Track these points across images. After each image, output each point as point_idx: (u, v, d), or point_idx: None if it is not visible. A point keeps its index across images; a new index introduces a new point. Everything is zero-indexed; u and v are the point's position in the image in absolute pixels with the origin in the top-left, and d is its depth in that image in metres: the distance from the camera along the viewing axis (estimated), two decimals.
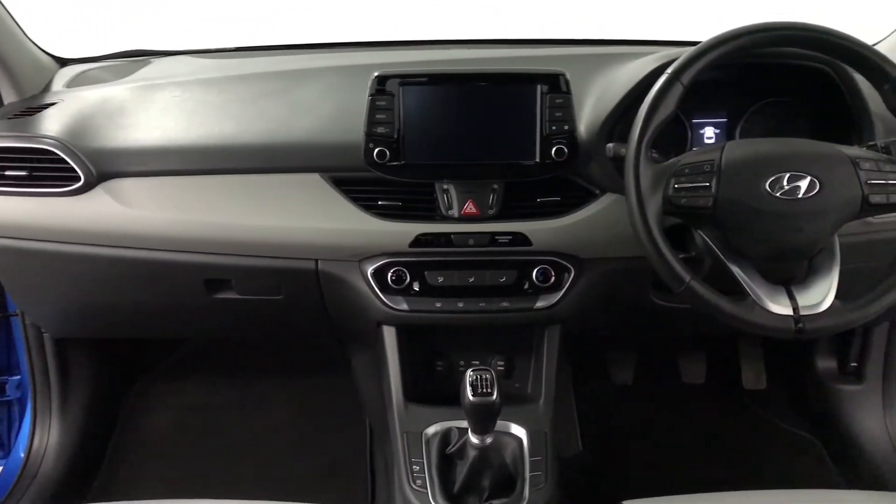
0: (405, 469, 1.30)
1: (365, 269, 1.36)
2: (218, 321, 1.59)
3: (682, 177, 1.11)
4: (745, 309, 1.10)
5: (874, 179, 1.08)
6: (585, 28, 2.62)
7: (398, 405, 1.40)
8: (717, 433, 1.98)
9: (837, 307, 1.09)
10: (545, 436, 1.35)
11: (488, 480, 1.28)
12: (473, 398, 1.15)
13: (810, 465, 1.87)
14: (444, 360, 1.53)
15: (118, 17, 2.61)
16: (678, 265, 1.09)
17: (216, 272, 1.42)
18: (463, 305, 1.38)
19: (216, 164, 1.37)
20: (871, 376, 1.79)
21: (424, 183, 1.34)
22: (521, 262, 1.36)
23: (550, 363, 1.45)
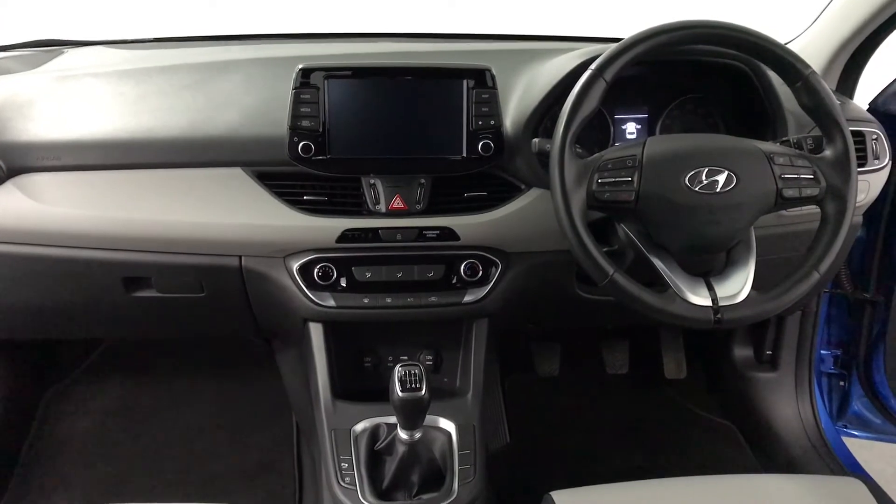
0: (333, 467, 1.29)
1: (290, 265, 1.34)
2: (138, 320, 1.54)
3: (605, 172, 1.13)
4: (666, 301, 1.12)
5: (787, 174, 1.12)
6: (511, 23, 2.64)
7: (325, 402, 1.39)
8: (640, 422, 2.03)
9: (754, 298, 1.13)
10: (473, 429, 1.36)
11: (417, 475, 1.28)
12: (402, 394, 1.15)
13: (728, 450, 1.94)
14: (372, 356, 1.53)
15: (28, 5, 2.51)
16: (602, 258, 1.11)
17: (134, 270, 1.38)
18: (391, 301, 1.37)
19: (134, 159, 1.32)
20: (785, 364, 1.86)
21: (351, 177, 1.32)
22: (448, 256, 1.36)
23: (478, 357, 1.46)
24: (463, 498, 1.25)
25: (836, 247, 1.13)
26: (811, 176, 1.13)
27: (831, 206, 1.14)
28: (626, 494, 1.15)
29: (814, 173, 1.13)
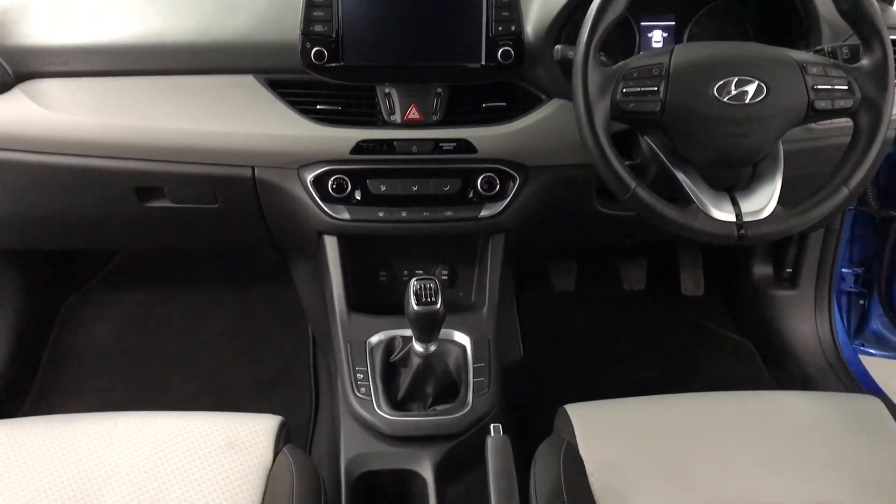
0: (349, 378, 1.30)
1: (304, 176, 1.32)
2: (151, 231, 1.54)
3: (630, 81, 1.08)
4: (688, 216, 1.10)
5: (821, 85, 1.07)
6: None
7: (340, 315, 1.39)
8: (655, 338, 2.03)
9: (779, 213, 1.10)
10: (488, 343, 1.36)
11: (432, 387, 1.29)
12: (417, 307, 1.14)
13: (744, 367, 1.94)
14: (387, 270, 1.52)
15: None
16: (624, 172, 1.08)
17: (147, 179, 1.36)
18: (406, 215, 1.35)
19: (143, 65, 1.28)
20: (805, 282, 1.84)
21: (365, 86, 1.28)
22: (465, 170, 1.33)
23: (494, 272, 1.44)
24: (477, 409, 1.26)
25: (868, 162, 1.09)
26: (845, 87, 1.08)
27: (865, 119, 1.09)
28: (640, 408, 1.15)
29: (848, 84, 1.08)
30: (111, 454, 1.03)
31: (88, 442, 1.05)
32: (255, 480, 1.02)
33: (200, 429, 1.07)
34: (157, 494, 0.99)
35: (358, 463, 1.24)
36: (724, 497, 1.01)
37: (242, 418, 1.10)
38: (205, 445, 1.05)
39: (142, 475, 1.01)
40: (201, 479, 1.01)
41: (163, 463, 1.02)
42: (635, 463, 1.05)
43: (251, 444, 1.06)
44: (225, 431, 1.07)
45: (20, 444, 1.04)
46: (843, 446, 1.07)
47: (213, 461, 1.03)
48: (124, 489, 0.99)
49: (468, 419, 1.25)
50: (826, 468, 1.04)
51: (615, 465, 1.04)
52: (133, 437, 1.06)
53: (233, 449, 1.05)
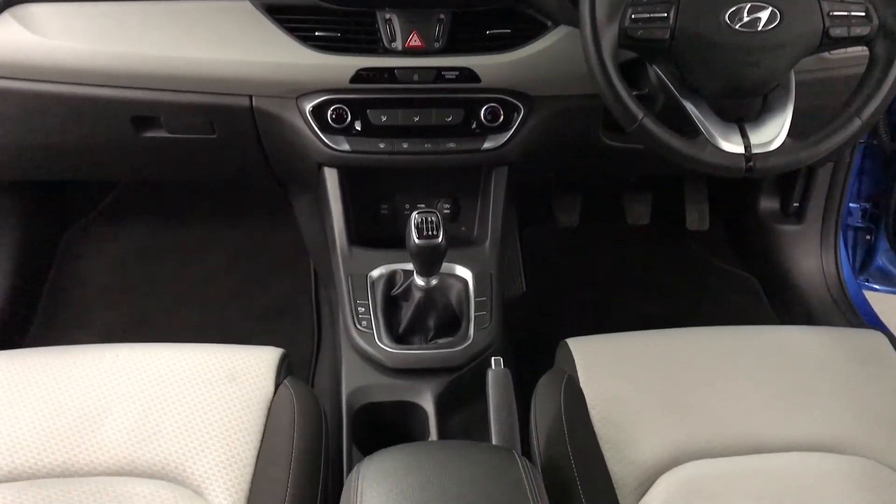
0: (350, 311, 1.30)
1: (303, 106, 1.29)
2: (148, 162, 1.51)
3: (639, 6, 1.04)
4: (696, 147, 1.07)
5: (836, 11, 1.04)
6: None
7: (341, 248, 1.38)
8: (658, 273, 2.02)
9: (789, 145, 1.08)
10: (490, 277, 1.35)
11: (433, 321, 1.29)
12: (419, 241, 1.13)
13: (747, 302, 1.94)
14: (388, 204, 1.50)
15: None
16: (631, 102, 1.05)
17: (143, 108, 1.33)
18: (408, 146, 1.33)
19: None
20: (812, 217, 1.82)
21: (365, 12, 1.24)
22: (468, 100, 1.30)
23: (497, 206, 1.43)
24: (478, 343, 1.26)
25: (883, 92, 1.06)
26: (862, 13, 1.04)
27: (882, 47, 1.05)
28: (641, 342, 1.15)
29: (866, 10, 1.04)
30: (113, 384, 1.04)
31: (90, 372, 1.05)
32: (256, 411, 1.02)
33: (201, 360, 1.07)
34: (158, 424, 0.99)
35: (359, 395, 1.25)
36: (725, 430, 1.01)
37: (243, 350, 1.10)
38: (206, 377, 1.05)
39: (143, 405, 1.01)
40: (203, 410, 1.01)
41: (164, 393, 1.03)
42: (636, 396, 1.05)
43: (252, 375, 1.06)
44: (226, 363, 1.07)
45: (22, 375, 1.04)
46: (847, 380, 1.07)
47: (214, 392, 1.03)
48: (126, 419, 0.99)
49: (469, 352, 1.25)
50: (829, 402, 1.04)
51: (616, 398, 1.04)
52: (135, 368, 1.06)
53: (234, 380, 1.05)
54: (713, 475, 0.96)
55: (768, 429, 1.01)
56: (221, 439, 0.98)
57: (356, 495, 0.74)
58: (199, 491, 0.94)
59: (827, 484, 0.94)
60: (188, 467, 0.96)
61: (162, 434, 0.98)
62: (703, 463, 0.98)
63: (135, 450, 0.97)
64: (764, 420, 1.02)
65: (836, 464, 0.97)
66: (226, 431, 0.99)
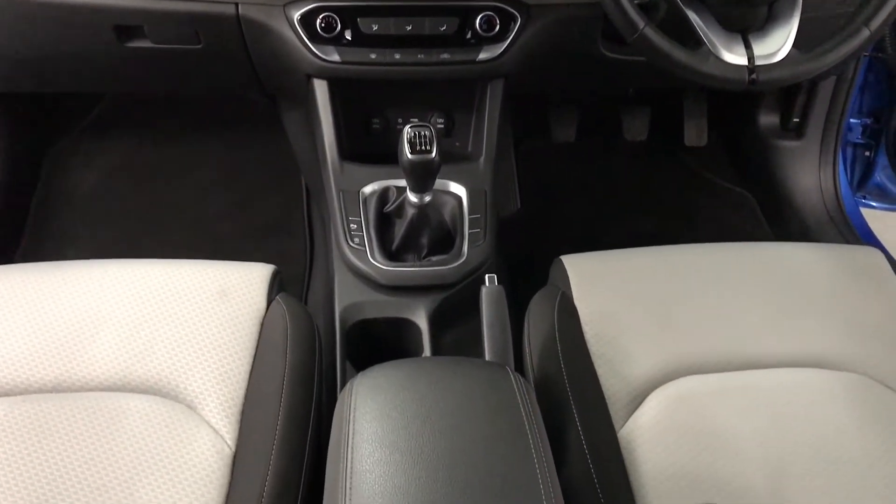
0: (342, 227, 1.28)
1: (291, 14, 1.24)
2: (134, 73, 1.47)
3: None
4: (698, 59, 1.04)
5: None
6: None
7: (333, 164, 1.35)
8: (655, 189, 2.00)
9: (794, 56, 1.04)
10: (485, 194, 1.33)
11: (427, 238, 1.28)
12: (412, 156, 1.10)
13: (743, 219, 1.93)
14: (380, 118, 1.47)
15: None
16: (632, 10, 1.01)
17: (126, 17, 1.28)
18: (400, 57, 1.28)
19: None
20: (812, 132, 1.79)
21: None
22: (463, 8, 1.25)
23: (492, 120, 1.39)
24: (472, 260, 1.25)
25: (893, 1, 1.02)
26: None
27: None
28: (636, 259, 1.14)
29: None
30: (103, 300, 1.03)
31: (80, 288, 1.04)
32: (249, 327, 1.02)
33: (192, 276, 1.06)
34: (150, 339, 0.99)
35: (353, 311, 1.25)
36: (718, 345, 1.01)
37: (234, 266, 1.09)
38: (197, 293, 1.04)
39: (135, 321, 1.00)
40: (195, 326, 1.00)
41: (156, 309, 1.02)
42: (629, 311, 1.05)
43: (244, 291, 1.05)
44: (217, 279, 1.06)
45: (12, 291, 1.03)
46: (841, 296, 1.07)
47: (206, 308, 1.02)
48: (118, 334, 0.99)
49: (463, 270, 1.24)
50: (823, 318, 1.04)
51: (609, 314, 1.04)
52: (125, 284, 1.05)
53: (225, 296, 1.04)
54: (705, 390, 0.97)
55: (761, 345, 1.01)
56: (214, 355, 0.98)
57: (349, 410, 0.74)
58: (193, 406, 0.94)
59: (819, 399, 0.95)
60: (181, 383, 0.96)
61: (154, 350, 0.98)
62: (695, 378, 0.98)
63: (127, 365, 0.97)
64: (757, 336, 1.02)
65: (829, 379, 0.97)
66: (218, 347, 0.99)
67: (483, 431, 0.71)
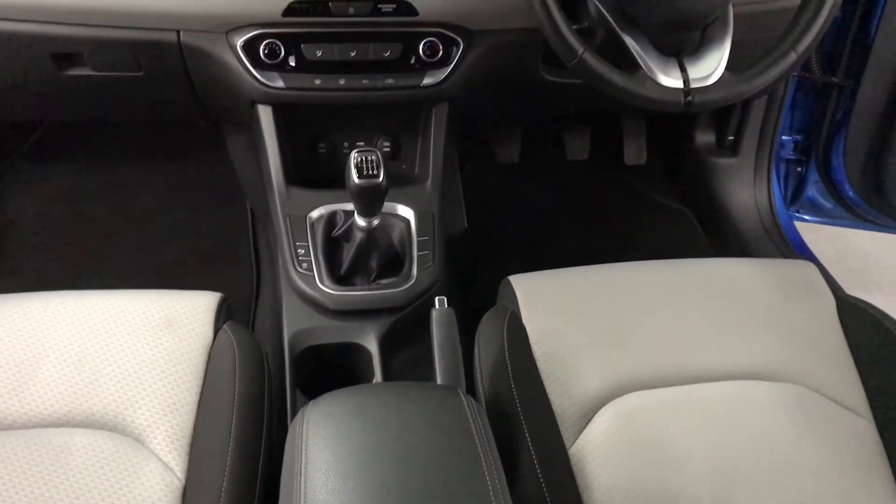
0: (290, 253, 1.28)
1: (234, 41, 1.23)
2: (73, 101, 1.44)
3: None
4: (636, 82, 1.07)
5: None
6: None
7: (279, 189, 1.34)
8: (597, 207, 2.04)
9: (726, 79, 1.08)
10: (433, 216, 1.34)
11: (376, 261, 1.28)
12: (359, 180, 1.11)
13: (684, 235, 1.97)
14: (326, 142, 1.47)
15: None
16: (571, 37, 1.04)
17: (64, 45, 1.26)
18: (345, 82, 1.29)
19: None
20: (746, 149, 1.85)
21: None
22: (406, 34, 1.27)
23: (438, 143, 1.41)
24: (422, 282, 1.26)
25: (818, 25, 1.07)
26: None
27: None
28: (581, 277, 1.16)
29: None
30: (45, 334, 1.00)
31: (21, 322, 1.01)
32: (196, 357, 1.01)
33: (137, 307, 1.04)
34: (95, 373, 0.97)
35: (301, 337, 1.24)
36: (663, 360, 1.03)
37: (180, 296, 1.07)
38: (143, 324, 1.02)
39: (79, 354, 0.98)
40: (141, 357, 0.99)
41: (100, 342, 1.00)
42: (576, 329, 1.06)
43: (190, 321, 1.04)
44: (163, 309, 1.04)
45: None
46: (778, 309, 1.10)
47: (151, 339, 1.01)
48: (61, 368, 0.97)
49: (413, 292, 1.25)
50: (761, 331, 1.07)
51: (557, 332, 1.06)
52: (67, 317, 1.02)
53: (171, 327, 1.03)
54: (652, 405, 0.99)
55: (705, 359, 1.04)
56: (161, 387, 0.97)
57: (301, 440, 0.73)
58: (140, 439, 0.92)
59: (761, 410, 0.98)
60: (128, 416, 0.94)
61: (99, 383, 0.96)
62: (643, 394, 1.00)
63: (71, 400, 0.94)
64: (701, 350, 1.05)
65: (769, 390, 1.00)
66: (165, 379, 0.97)
67: (436, 456, 0.71)
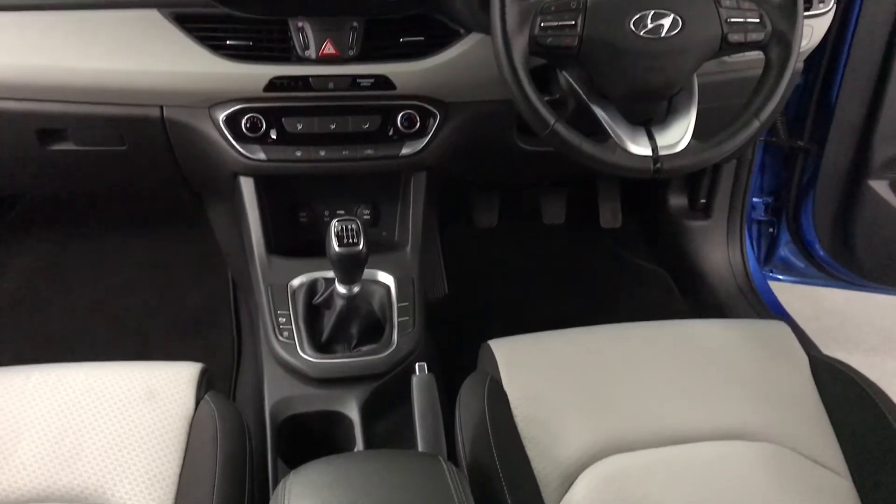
0: (270, 322, 1.29)
1: (216, 115, 1.27)
2: (56, 175, 1.46)
3: (548, 14, 1.06)
4: (606, 151, 1.10)
5: (734, 17, 1.08)
6: None
7: (260, 258, 1.36)
8: (576, 270, 2.07)
9: (693, 147, 1.12)
10: (412, 281, 1.36)
11: (356, 328, 1.29)
12: (339, 249, 1.13)
13: (661, 296, 2.00)
14: (307, 211, 1.49)
15: None
16: (543, 108, 1.07)
17: (48, 121, 1.28)
18: (325, 154, 1.32)
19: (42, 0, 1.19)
20: (718, 212, 1.90)
21: (277, 20, 1.23)
22: (385, 106, 1.31)
23: (417, 210, 1.44)
24: (402, 349, 1.27)
25: (778, 94, 1.11)
26: (757, 20, 1.09)
27: (776, 52, 1.11)
28: (560, 341, 1.17)
29: (760, 17, 1.09)
30: (25, 409, 1.00)
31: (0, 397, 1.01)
32: (177, 429, 1.00)
33: (118, 379, 1.04)
34: (75, 447, 0.96)
35: (283, 407, 1.24)
36: (643, 423, 1.04)
37: (161, 367, 1.08)
38: (124, 396, 1.02)
39: (59, 429, 0.98)
40: (122, 431, 0.98)
41: (80, 416, 1.00)
42: (556, 393, 1.07)
43: (171, 392, 1.04)
44: (144, 381, 1.05)
45: None
46: (754, 369, 1.12)
47: (133, 412, 1.01)
48: (41, 443, 0.96)
49: (393, 359, 1.26)
50: (738, 391, 1.09)
51: (537, 397, 1.07)
52: (48, 391, 1.02)
53: (153, 398, 1.03)
54: (633, 468, 0.99)
55: (684, 420, 1.05)
56: (142, 459, 0.96)
57: None
58: None
59: (740, 470, 0.99)
60: (108, 489, 0.93)
61: (80, 457, 0.95)
62: (623, 457, 1.01)
63: (52, 475, 0.94)
64: (679, 412, 1.06)
65: (747, 450, 1.01)
66: (147, 451, 0.97)
67: None
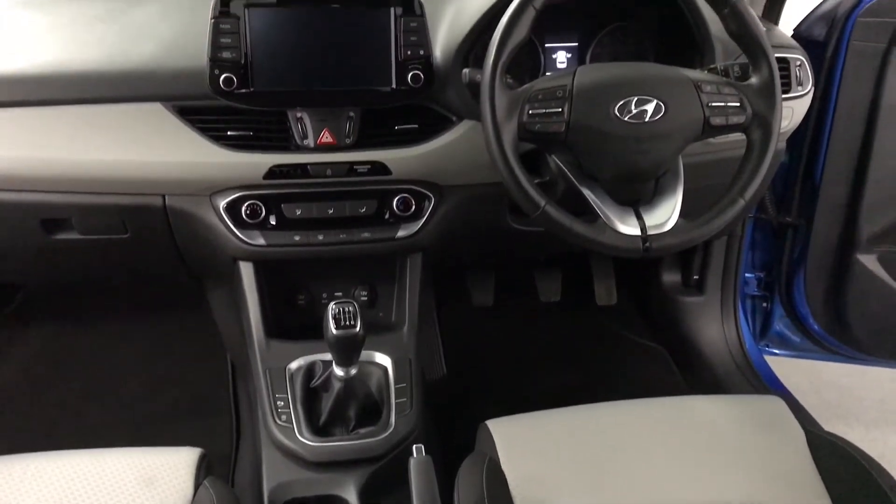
0: (269, 405, 1.29)
1: (217, 203, 1.30)
2: (60, 264, 1.49)
3: (535, 102, 1.11)
4: (596, 231, 1.13)
5: (715, 102, 1.12)
6: None
7: (259, 342, 1.37)
8: (573, 348, 2.07)
9: (681, 226, 1.14)
10: (410, 362, 1.37)
11: (354, 411, 1.29)
12: (336, 331, 1.14)
13: (658, 372, 2.00)
14: (305, 293, 1.51)
15: None
16: (533, 190, 1.11)
17: (53, 211, 1.32)
18: (323, 238, 1.35)
19: (45, 95, 1.24)
20: (711, 287, 1.92)
21: (277, 111, 1.28)
22: (381, 191, 1.34)
23: (413, 291, 1.46)
24: (400, 430, 1.27)
25: (761, 174, 1.15)
26: (738, 104, 1.14)
27: (757, 134, 1.15)
28: (558, 420, 1.18)
29: (740, 101, 1.14)
30: (22, 499, 0.99)
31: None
32: None
33: (116, 466, 1.04)
34: None
35: (281, 491, 1.23)
36: (640, 499, 1.04)
37: (160, 453, 1.08)
38: (122, 483, 1.02)
39: None
40: None
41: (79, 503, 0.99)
42: (555, 473, 1.07)
43: (170, 478, 1.04)
44: (142, 467, 1.04)
45: None
46: (749, 445, 1.12)
47: (131, 498, 1.00)
48: None
49: (391, 441, 1.26)
50: (736, 467, 1.09)
51: (536, 477, 1.06)
52: (46, 480, 1.02)
53: (151, 485, 1.02)
54: None
55: (682, 497, 1.05)
56: None
57: None
58: None
59: None
60: None
61: None
62: None
63: None
64: (678, 488, 1.06)
65: None
66: None
67: None
